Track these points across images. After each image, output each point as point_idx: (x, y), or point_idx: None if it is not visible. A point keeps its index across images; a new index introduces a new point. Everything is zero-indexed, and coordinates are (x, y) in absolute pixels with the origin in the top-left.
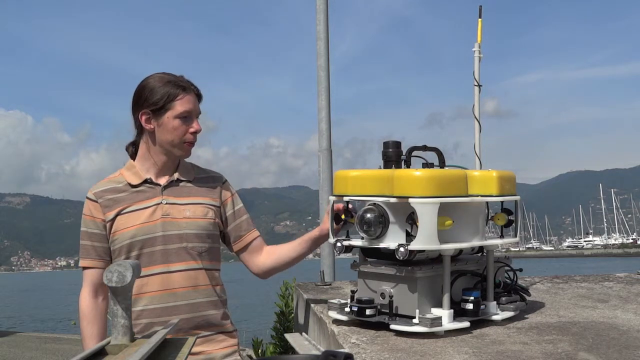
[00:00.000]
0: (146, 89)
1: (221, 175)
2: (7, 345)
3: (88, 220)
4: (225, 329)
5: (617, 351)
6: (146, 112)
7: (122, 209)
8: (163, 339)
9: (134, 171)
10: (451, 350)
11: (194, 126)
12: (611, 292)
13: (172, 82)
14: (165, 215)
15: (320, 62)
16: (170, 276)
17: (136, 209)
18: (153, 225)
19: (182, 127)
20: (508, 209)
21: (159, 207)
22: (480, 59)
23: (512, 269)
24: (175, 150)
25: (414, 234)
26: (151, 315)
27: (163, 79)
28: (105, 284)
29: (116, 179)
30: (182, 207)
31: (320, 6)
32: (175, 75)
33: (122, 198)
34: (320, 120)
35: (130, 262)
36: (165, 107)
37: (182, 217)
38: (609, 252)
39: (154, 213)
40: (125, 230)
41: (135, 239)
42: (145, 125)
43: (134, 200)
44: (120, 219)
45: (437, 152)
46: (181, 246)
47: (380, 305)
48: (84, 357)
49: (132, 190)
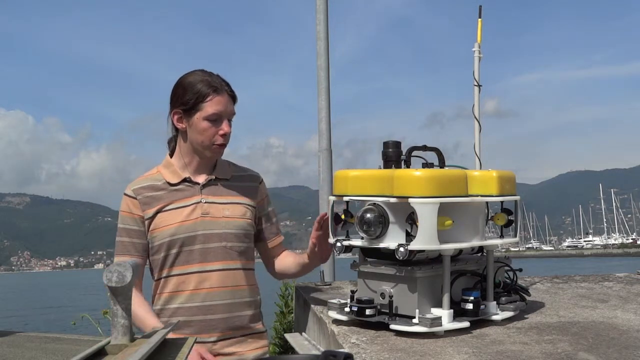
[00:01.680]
0: (179, 88)
1: (258, 175)
2: (6, 345)
3: (126, 216)
4: (257, 329)
5: (617, 351)
6: (178, 112)
7: (161, 206)
8: (163, 339)
9: (172, 169)
10: (451, 350)
11: (224, 128)
12: (611, 292)
13: (204, 82)
14: (204, 214)
15: (320, 62)
16: (208, 275)
17: (176, 207)
18: (193, 224)
19: (212, 128)
20: (508, 209)
21: (198, 205)
22: (480, 58)
23: (512, 269)
24: (205, 151)
25: (414, 234)
26: (187, 314)
27: (196, 78)
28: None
29: (154, 176)
30: (221, 206)
31: (320, 6)
32: (211, 75)
33: (161, 196)
34: (320, 120)
35: (130, 262)
36: (195, 107)
37: (221, 216)
38: (609, 252)
39: (193, 212)
40: (166, 228)
41: (175, 237)
42: (177, 124)
43: (173, 199)
44: (160, 217)
45: (437, 152)
46: (220, 245)
47: (380, 305)
48: (84, 357)
49: (171, 188)
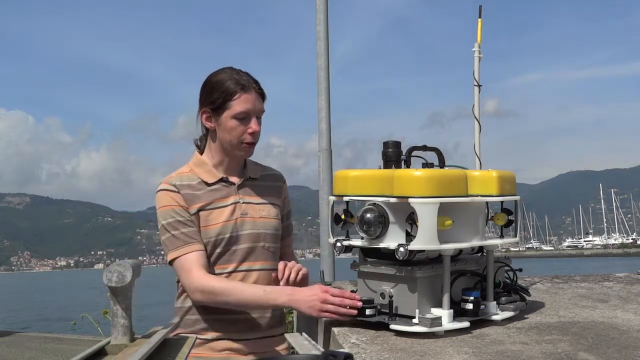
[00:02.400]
0: (207, 86)
1: (281, 174)
2: (6, 345)
3: (176, 209)
4: (282, 330)
5: (617, 351)
6: (206, 111)
7: (202, 205)
8: (163, 339)
9: (207, 169)
10: (451, 350)
11: (252, 127)
12: (611, 292)
13: (232, 80)
14: (244, 214)
15: (320, 62)
16: (250, 274)
17: (216, 207)
18: (234, 224)
19: (240, 127)
20: (508, 209)
21: (237, 206)
22: (480, 58)
23: (512, 269)
24: (235, 150)
25: (414, 234)
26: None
27: (224, 76)
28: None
29: (188, 175)
30: (258, 206)
31: (320, 6)
32: (239, 72)
33: (200, 196)
34: (320, 120)
35: (130, 262)
36: (223, 106)
37: (259, 216)
38: (609, 252)
39: (233, 212)
40: (211, 228)
41: (220, 236)
42: (206, 123)
43: (212, 198)
44: (202, 215)
45: (437, 152)
46: (259, 245)
47: (380, 305)
48: (83, 357)
49: (208, 188)
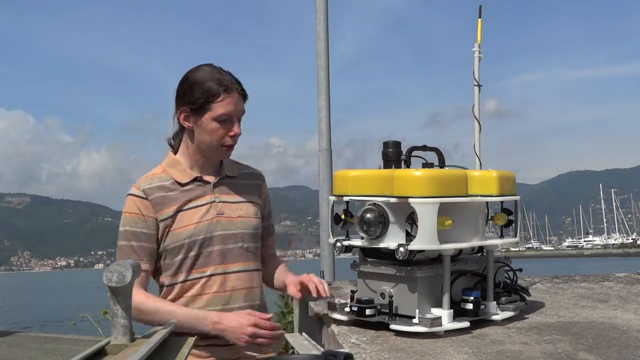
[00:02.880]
0: (186, 84)
1: (260, 172)
2: (6, 345)
3: (136, 218)
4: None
5: (617, 351)
6: (185, 110)
7: (176, 207)
8: (163, 339)
9: (181, 168)
10: (451, 350)
11: (234, 130)
12: (611, 292)
13: (214, 80)
14: (219, 214)
15: (320, 62)
16: (228, 277)
17: (190, 207)
18: (209, 225)
19: (221, 130)
20: (508, 209)
21: (212, 205)
22: (480, 58)
23: (512, 269)
24: (213, 152)
25: (414, 234)
26: None
27: (206, 75)
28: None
29: (160, 176)
30: (235, 205)
31: (320, 6)
32: (221, 72)
33: (173, 197)
34: (320, 120)
35: (130, 262)
36: (204, 107)
37: (236, 216)
38: (609, 252)
39: (208, 212)
40: (183, 229)
41: (193, 238)
42: (184, 123)
43: (186, 199)
44: (177, 217)
45: (437, 152)
46: (237, 246)
47: (380, 305)
48: (83, 357)
49: (182, 188)
